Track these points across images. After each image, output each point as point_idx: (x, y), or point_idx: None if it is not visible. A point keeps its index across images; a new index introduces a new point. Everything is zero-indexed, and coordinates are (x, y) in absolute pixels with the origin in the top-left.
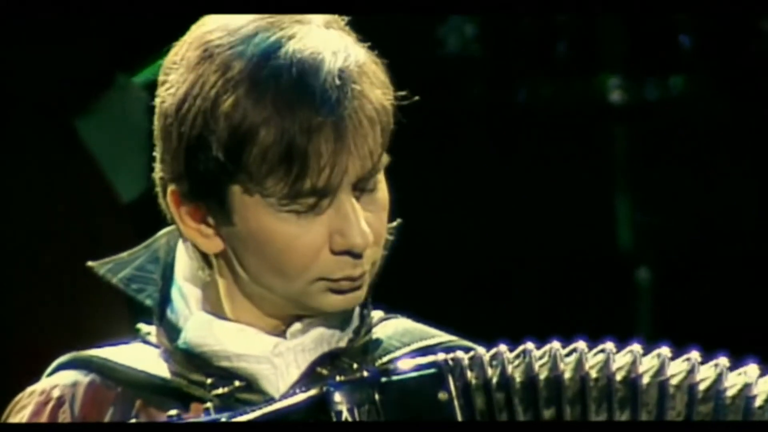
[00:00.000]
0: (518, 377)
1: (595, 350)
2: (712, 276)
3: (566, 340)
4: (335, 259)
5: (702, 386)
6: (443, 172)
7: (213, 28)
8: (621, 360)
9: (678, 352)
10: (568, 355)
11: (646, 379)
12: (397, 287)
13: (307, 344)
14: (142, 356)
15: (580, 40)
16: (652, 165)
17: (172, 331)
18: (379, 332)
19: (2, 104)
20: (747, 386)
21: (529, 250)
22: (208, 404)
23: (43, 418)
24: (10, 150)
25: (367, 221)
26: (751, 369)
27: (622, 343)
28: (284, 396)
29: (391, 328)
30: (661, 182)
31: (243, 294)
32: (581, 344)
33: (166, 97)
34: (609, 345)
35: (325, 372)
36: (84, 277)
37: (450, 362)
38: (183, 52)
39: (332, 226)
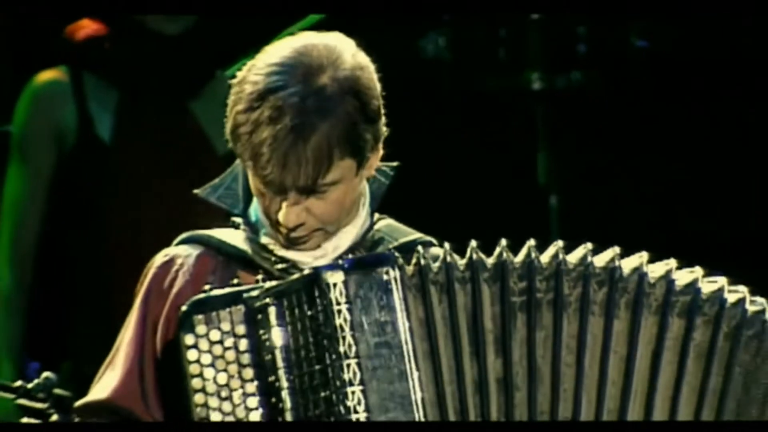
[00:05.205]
0: (435, 265)
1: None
2: (602, 205)
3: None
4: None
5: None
6: (424, 135)
7: (267, 51)
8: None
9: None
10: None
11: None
12: (395, 203)
13: (340, 247)
14: (235, 237)
15: (514, 48)
16: (560, 131)
17: (254, 229)
18: (378, 229)
19: (144, 93)
20: (669, 274)
21: (479, 184)
22: (259, 276)
23: (170, 274)
24: (153, 126)
25: (311, 207)
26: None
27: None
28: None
29: (384, 226)
30: (566, 142)
31: None
32: (503, 240)
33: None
34: (559, 243)
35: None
36: (193, 196)
37: (395, 254)
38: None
39: (281, 203)
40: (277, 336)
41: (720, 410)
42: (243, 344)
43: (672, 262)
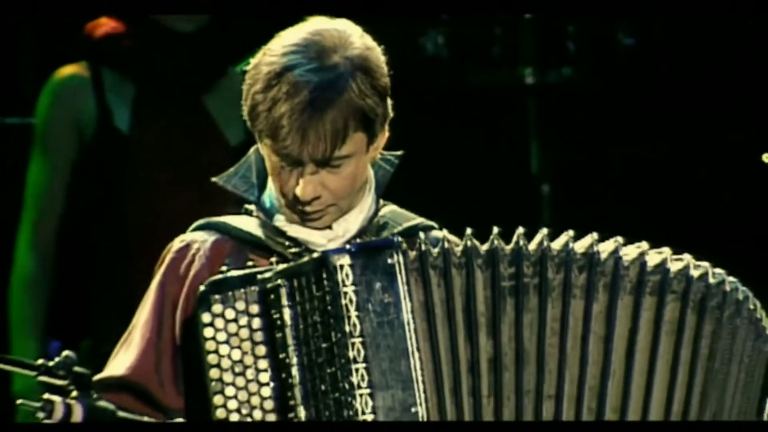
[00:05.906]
0: (434, 250)
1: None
2: (591, 193)
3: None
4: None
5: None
6: (424, 127)
7: (280, 36)
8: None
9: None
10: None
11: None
12: (395, 192)
13: (349, 230)
14: (249, 223)
15: (508, 45)
16: (551, 123)
17: (268, 213)
18: (383, 214)
19: (159, 88)
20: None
21: (475, 173)
22: (273, 259)
23: (187, 258)
24: (168, 119)
25: (326, 182)
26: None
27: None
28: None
29: (388, 212)
30: (557, 134)
31: None
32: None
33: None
34: (544, 231)
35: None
36: (210, 183)
37: (399, 239)
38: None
39: (298, 178)
40: (288, 315)
41: (690, 381)
42: (256, 323)
43: (644, 245)
